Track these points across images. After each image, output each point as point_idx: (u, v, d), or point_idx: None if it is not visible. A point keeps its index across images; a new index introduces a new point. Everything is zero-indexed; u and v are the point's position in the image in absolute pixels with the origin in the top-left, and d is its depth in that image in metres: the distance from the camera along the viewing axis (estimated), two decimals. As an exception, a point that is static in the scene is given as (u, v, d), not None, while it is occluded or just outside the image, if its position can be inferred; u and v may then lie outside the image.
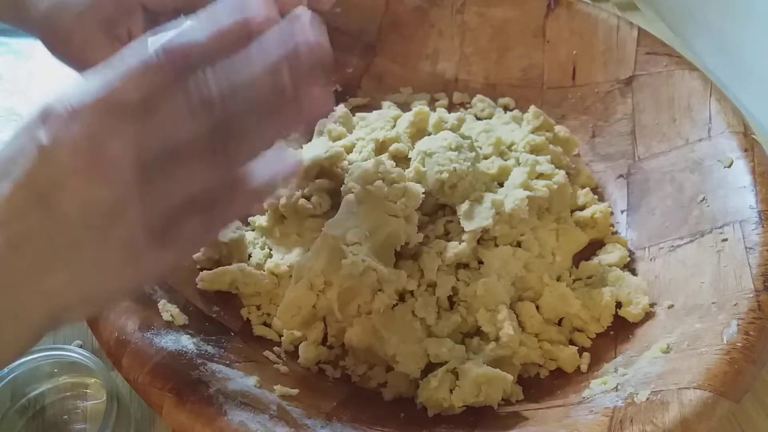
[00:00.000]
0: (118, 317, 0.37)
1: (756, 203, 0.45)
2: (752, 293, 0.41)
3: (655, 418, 0.35)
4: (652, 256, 0.50)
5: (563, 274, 0.49)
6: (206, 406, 0.34)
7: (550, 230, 0.49)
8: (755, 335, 0.38)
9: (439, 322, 0.44)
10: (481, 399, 0.41)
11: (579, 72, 0.61)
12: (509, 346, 0.44)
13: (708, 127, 0.51)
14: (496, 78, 0.64)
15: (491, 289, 0.45)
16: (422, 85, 0.64)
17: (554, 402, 0.42)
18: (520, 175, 0.50)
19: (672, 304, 0.45)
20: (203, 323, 0.43)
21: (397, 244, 0.44)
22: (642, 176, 0.55)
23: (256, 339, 0.45)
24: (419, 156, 0.48)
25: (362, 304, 0.43)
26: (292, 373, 0.43)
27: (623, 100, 0.58)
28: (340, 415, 0.40)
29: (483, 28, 0.63)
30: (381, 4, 0.63)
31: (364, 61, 0.64)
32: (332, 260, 0.41)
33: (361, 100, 0.63)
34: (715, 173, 0.49)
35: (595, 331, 0.47)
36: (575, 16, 0.61)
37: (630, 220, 0.54)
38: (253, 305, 0.47)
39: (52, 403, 0.44)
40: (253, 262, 0.48)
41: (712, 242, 0.46)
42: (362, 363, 0.45)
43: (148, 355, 0.36)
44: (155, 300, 0.40)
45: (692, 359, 0.38)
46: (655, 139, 0.55)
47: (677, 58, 0.56)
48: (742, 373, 0.37)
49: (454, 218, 0.47)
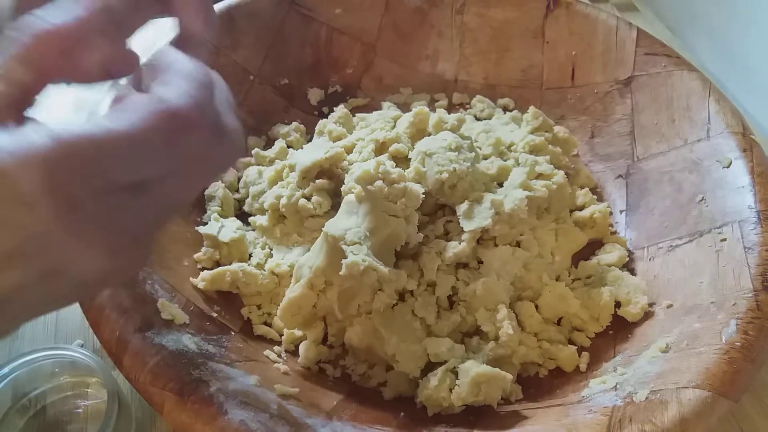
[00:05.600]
0: (119, 317, 0.37)
1: (755, 203, 0.45)
2: (751, 293, 0.41)
3: (654, 417, 0.35)
4: (651, 256, 0.50)
5: (562, 273, 0.50)
6: (207, 405, 0.35)
7: (549, 230, 0.50)
8: (754, 335, 0.39)
9: (438, 321, 0.44)
10: (480, 398, 0.41)
11: (578, 72, 0.61)
12: (509, 346, 0.44)
13: (707, 127, 0.51)
14: (496, 78, 0.64)
15: (491, 289, 0.45)
16: (422, 86, 0.64)
17: (553, 401, 0.42)
18: (519, 175, 0.50)
19: (671, 304, 0.46)
20: (204, 323, 0.43)
21: (397, 244, 0.44)
22: (641, 176, 0.55)
23: (257, 338, 0.46)
24: (419, 156, 0.48)
25: (362, 303, 0.44)
26: (292, 372, 0.43)
27: (622, 100, 0.58)
28: (341, 414, 0.40)
29: (482, 28, 0.63)
30: (381, 4, 0.63)
31: (364, 61, 0.64)
32: (332, 260, 0.41)
33: (361, 101, 0.63)
34: (714, 173, 0.49)
35: (594, 331, 0.47)
36: (574, 16, 0.61)
37: (629, 220, 0.54)
38: (253, 305, 0.47)
39: (53, 402, 0.44)
40: (254, 261, 0.48)
41: (710, 242, 0.46)
42: (362, 362, 0.45)
43: (149, 355, 0.36)
44: (156, 299, 0.40)
45: (691, 359, 0.39)
46: (654, 140, 0.55)
47: (676, 58, 0.56)
48: (741, 372, 0.37)
49: (453, 218, 0.48)
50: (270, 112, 0.60)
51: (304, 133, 0.59)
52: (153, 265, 0.43)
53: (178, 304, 0.42)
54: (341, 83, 0.64)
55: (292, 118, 0.60)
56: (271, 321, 0.47)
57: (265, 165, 0.55)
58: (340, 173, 0.50)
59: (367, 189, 0.44)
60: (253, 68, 0.59)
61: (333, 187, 0.50)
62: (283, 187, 0.51)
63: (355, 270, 0.40)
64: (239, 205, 0.54)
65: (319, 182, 0.50)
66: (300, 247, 0.49)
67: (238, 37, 0.58)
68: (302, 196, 0.50)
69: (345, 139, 0.54)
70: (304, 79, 0.62)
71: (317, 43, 0.62)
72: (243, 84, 0.58)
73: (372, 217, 0.43)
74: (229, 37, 0.58)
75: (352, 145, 0.52)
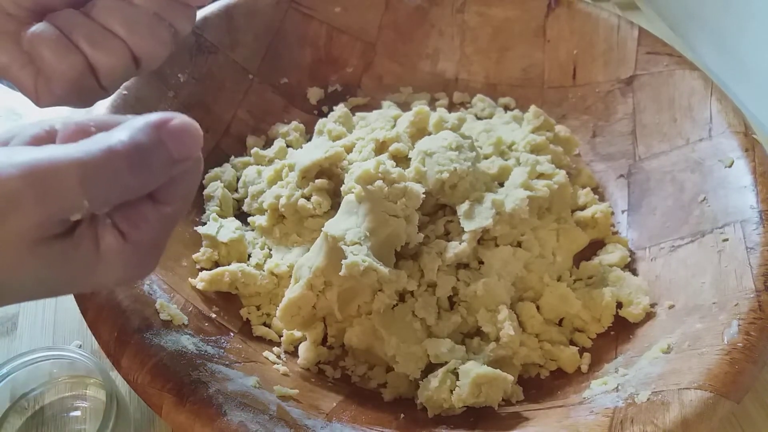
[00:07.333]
0: (117, 318, 0.37)
1: (757, 203, 0.45)
2: (753, 293, 0.41)
3: (656, 418, 0.35)
4: (653, 256, 0.50)
5: (564, 274, 0.49)
6: (206, 406, 0.34)
7: (550, 230, 0.49)
8: (756, 335, 0.38)
9: (439, 322, 0.44)
10: (481, 399, 0.41)
11: (579, 72, 0.61)
12: (510, 347, 0.43)
13: (709, 126, 0.51)
14: (497, 78, 0.63)
15: (491, 290, 0.45)
16: (422, 85, 0.64)
17: (555, 402, 0.42)
18: (520, 174, 0.49)
19: (673, 305, 0.45)
20: (203, 323, 0.42)
21: (397, 244, 0.44)
22: (643, 176, 0.55)
23: (256, 339, 0.45)
24: (419, 156, 0.48)
25: (362, 304, 0.43)
26: (291, 373, 0.43)
27: (624, 99, 0.58)
28: (340, 415, 0.39)
29: (483, 27, 0.63)
30: (381, 4, 0.63)
31: (364, 61, 0.64)
32: (332, 260, 0.41)
33: (361, 100, 0.63)
34: (716, 173, 0.49)
35: (595, 332, 0.47)
36: (576, 15, 0.61)
37: (631, 220, 0.54)
38: (252, 305, 0.47)
39: (51, 403, 0.44)
40: (253, 262, 0.48)
41: (712, 242, 0.46)
42: (362, 363, 0.45)
43: (148, 356, 0.36)
44: (154, 300, 0.40)
45: (693, 359, 0.38)
46: (656, 139, 0.55)
47: (678, 57, 0.56)
48: (743, 373, 0.37)
49: (454, 218, 0.47)
50: (269, 111, 0.60)
51: (304, 132, 0.58)
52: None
53: (176, 304, 0.41)
54: (341, 82, 0.63)
55: (291, 118, 0.60)
56: (270, 322, 0.47)
57: (265, 164, 0.55)
58: (339, 173, 0.50)
59: (367, 189, 0.44)
60: (252, 67, 0.59)
61: (333, 187, 0.50)
62: (283, 187, 0.50)
63: (355, 270, 0.40)
64: (238, 205, 0.54)
65: (319, 182, 0.49)
66: (299, 248, 0.49)
67: (237, 36, 0.58)
68: (302, 196, 0.49)
69: (345, 138, 0.53)
70: (303, 78, 0.62)
71: (317, 42, 0.62)
72: (242, 83, 0.58)
73: (372, 217, 0.43)
74: (228, 36, 0.57)
75: (351, 144, 0.52)
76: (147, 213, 0.27)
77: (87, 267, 0.26)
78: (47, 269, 0.26)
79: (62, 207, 0.24)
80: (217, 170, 0.54)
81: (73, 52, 0.35)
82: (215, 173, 0.53)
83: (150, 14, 0.36)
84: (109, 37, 0.35)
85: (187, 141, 0.27)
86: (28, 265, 0.25)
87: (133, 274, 0.29)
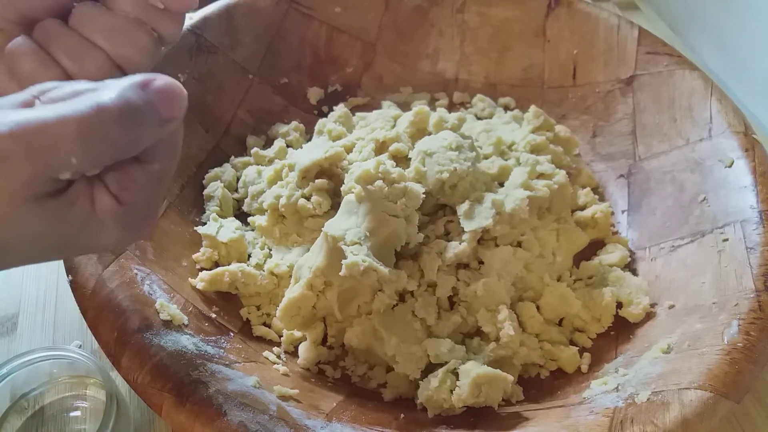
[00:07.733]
0: (117, 318, 0.37)
1: (757, 203, 0.45)
2: (753, 293, 0.41)
3: (656, 418, 0.35)
4: (653, 256, 0.50)
5: (564, 274, 0.49)
6: (206, 406, 0.34)
7: (550, 230, 0.49)
8: (756, 335, 0.38)
9: (439, 322, 0.44)
10: (481, 399, 0.41)
11: (579, 71, 0.61)
12: (510, 347, 0.43)
13: (709, 126, 0.51)
14: (497, 77, 0.63)
15: (492, 290, 0.45)
16: (422, 85, 0.64)
17: (555, 402, 0.42)
18: (520, 174, 0.49)
19: (673, 305, 0.45)
20: (203, 323, 0.42)
21: (397, 244, 0.44)
22: (643, 176, 0.55)
23: (256, 339, 0.45)
24: (419, 156, 0.48)
25: (362, 304, 0.43)
26: (291, 373, 0.43)
27: (624, 99, 0.58)
28: (340, 415, 0.39)
29: (483, 27, 0.63)
30: (381, 3, 0.63)
31: (364, 61, 0.64)
32: (332, 260, 0.41)
33: (361, 100, 0.63)
34: (716, 173, 0.49)
35: (595, 332, 0.47)
36: (576, 15, 0.61)
37: (631, 220, 0.54)
38: (252, 305, 0.47)
39: (51, 403, 0.44)
40: (253, 262, 0.48)
41: (712, 242, 0.46)
42: (362, 363, 0.45)
43: (148, 356, 0.36)
44: (154, 300, 0.40)
45: (693, 359, 0.38)
46: (656, 139, 0.55)
47: (678, 57, 0.56)
48: (743, 373, 0.37)
49: (454, 218, 0.47)
50: (269, 111, 0.60)
51: (304, 132, 0.58)
52: (152, 265, 0.43)
53: (176, 304, 0.41)
54: (341, 82, 0.63)
55: (291, 118, 0.60)
56: (270, 322, 0.47)
57: (265, 164, 0.55)
58: (339, 173, 0.50)
59: (367, 189, 0.44)
60: (252, 67, 0.59)
61: (333, 187, 0.50)
62: (283, 187, 0.50)
63: (355, 270, 0.40)
64: (238, 204, 0.54)
65: (319, 182, 0.49)
66: (299, 248, 0.49)
67: (237, 36, 0.58)
68: (302, 196, 0.49)
69: (345, 138, 0.53)
70: (303, 78, 0.62)
71: (317, 42, 0.62)
72: (242, 83, 0.58)
73: (372, 217, 0.43)
74: (228, 36, 0.57)
75: (351, 144, 0.52)
76: (135, 175, 0.28)
77: (84, 225, 0.27)
78: (44, 226, 0.26)
79: (51, 165, 0.25)
80: (217, 170, 0.54)
81: (52, 66, 0.34)
82: (215, 173, 0.53)
83: (130, 20, 0.36)
84: (88, 47, 0.35)
85: (174, 100, 0.27)
86: (24, 221, 0.25)
87: (130, 236, 0.29)
